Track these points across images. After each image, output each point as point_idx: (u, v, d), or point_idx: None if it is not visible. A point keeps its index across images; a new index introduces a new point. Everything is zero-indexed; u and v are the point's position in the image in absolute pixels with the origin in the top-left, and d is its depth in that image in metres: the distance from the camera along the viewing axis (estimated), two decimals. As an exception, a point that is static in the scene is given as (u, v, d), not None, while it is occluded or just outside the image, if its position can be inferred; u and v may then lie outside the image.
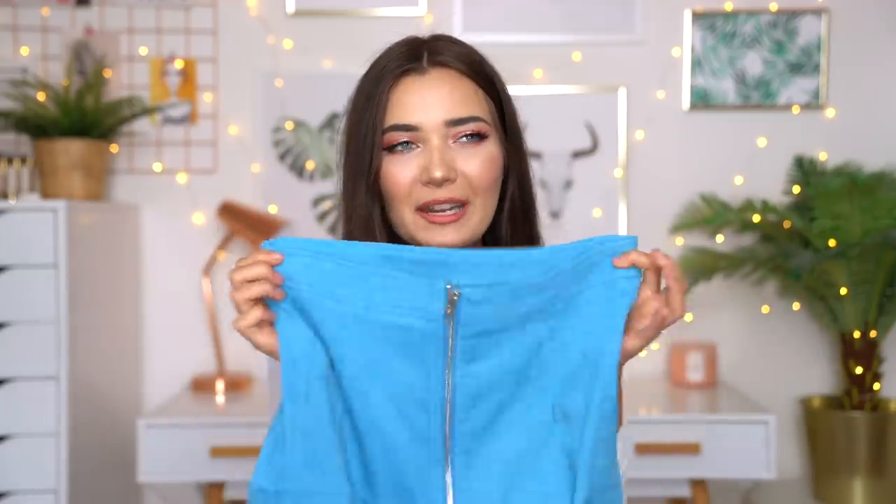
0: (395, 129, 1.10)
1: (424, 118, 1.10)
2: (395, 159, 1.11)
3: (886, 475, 2.70)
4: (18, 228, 2.46)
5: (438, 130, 1.10)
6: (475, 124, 1.11)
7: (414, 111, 1.10)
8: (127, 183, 3.04)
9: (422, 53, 1.13)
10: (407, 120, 1.10)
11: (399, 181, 1.11)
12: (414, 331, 0.99)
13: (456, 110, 1.10)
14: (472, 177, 1.11)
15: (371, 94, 1.13)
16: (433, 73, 1.12)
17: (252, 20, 3.04)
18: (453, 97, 1.11)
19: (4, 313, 2.45)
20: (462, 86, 1.12)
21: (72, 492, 2.46)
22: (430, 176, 1.08)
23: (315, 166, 3.03)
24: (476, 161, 1.11)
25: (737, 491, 2.97)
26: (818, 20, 3.01)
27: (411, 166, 1.11)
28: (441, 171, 1.08)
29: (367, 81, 1.15)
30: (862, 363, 2.76)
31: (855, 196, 2.70)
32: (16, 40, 3.02)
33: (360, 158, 1.14)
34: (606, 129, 3.03)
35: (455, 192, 1.10)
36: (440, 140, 1.10)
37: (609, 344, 1.00)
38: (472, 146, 1.11)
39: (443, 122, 1.10)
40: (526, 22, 3.03)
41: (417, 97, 1.11)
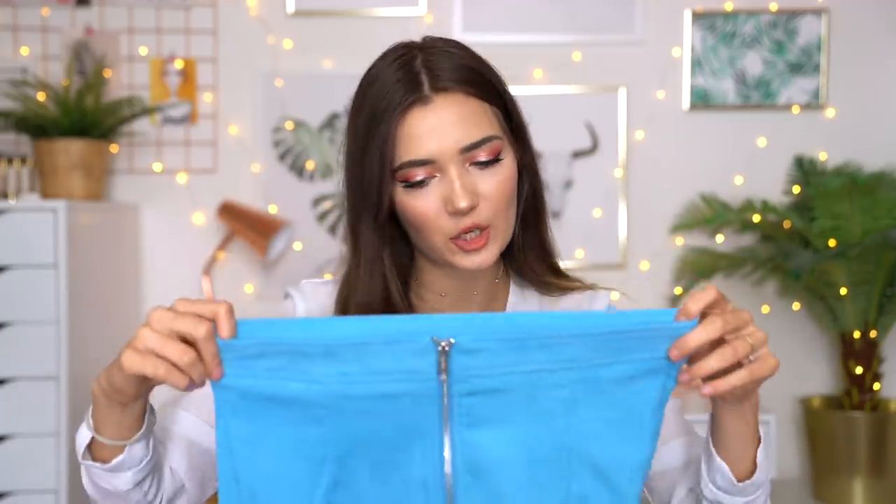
0: (410, 165, 1.06)
1: (438, 150, 1.06)
2: (415, 193, 1.08)
3: (886, 475, 2.70)
4: (18, 228, 2.46)
5: (454, 159, 1.06)
6: (489, 145, 1.07)
7: (425, 144, 1.06)
8: (127, 183, 3.04)
9: (421, 78, 1.07)
10: (421, 155, 1.06)
11: (424, 213, 1.07)
12: (402, 397, 0.85)
13: (469, 136, 1.07)
14: (492, 196, 1.08)
15: (374, 130, 1.07)
16: (438, 100, 1.07)
17: (252, 20, 3.04)
18: (463, 122, 1.07)
19: (4, 313, 2.45)
20: (470, 107, 1.08)
21: (72, 492, 2.46)
22: (456, 207, 1.05)
23: (315, 166, 3.03)
24: (495, 180, 1.08)
25: (737, 491, 2.97)
26: (818, 20, 3.01)
27: (433, 197, 1.07)
28: (465, 200, 1.05)
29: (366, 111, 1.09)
30: (862, 363, 2.76)
31: (855, 196, 2.70)
32: (16, 40, 3.02)
33: (365, 196, 1.09)
34: (606, 129, 3.03)
35: (479, 217, 1.07)
36: (457, 167, 1.06)
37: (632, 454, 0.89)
38: (490, 168, 1.08)
39: (457, 150, 1.06)
40: (526, 22, 3.03)
41: (426, 129, 1.06)
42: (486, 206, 1.08)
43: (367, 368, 0.84)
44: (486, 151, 1.08)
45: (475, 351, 0.85)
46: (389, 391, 0.85)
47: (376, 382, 0.85)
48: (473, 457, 0.87)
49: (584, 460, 0.89)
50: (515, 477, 0.88)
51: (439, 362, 0.85)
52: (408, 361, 0.85)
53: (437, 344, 0.84)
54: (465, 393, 0.86)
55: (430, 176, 1.07)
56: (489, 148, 1.08)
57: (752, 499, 1.02)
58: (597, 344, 0.85)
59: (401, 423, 0.86)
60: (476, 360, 0.85)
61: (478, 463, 0.87)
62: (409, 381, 0.85)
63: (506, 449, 0.87)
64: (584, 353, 0.85)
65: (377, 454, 0.87)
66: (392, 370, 0.85)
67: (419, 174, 1.07)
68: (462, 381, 0.86)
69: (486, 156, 1.08)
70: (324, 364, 0.84)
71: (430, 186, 1.07)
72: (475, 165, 1.08)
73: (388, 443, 0.87)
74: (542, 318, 0.86)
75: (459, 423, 0.87)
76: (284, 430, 0.86)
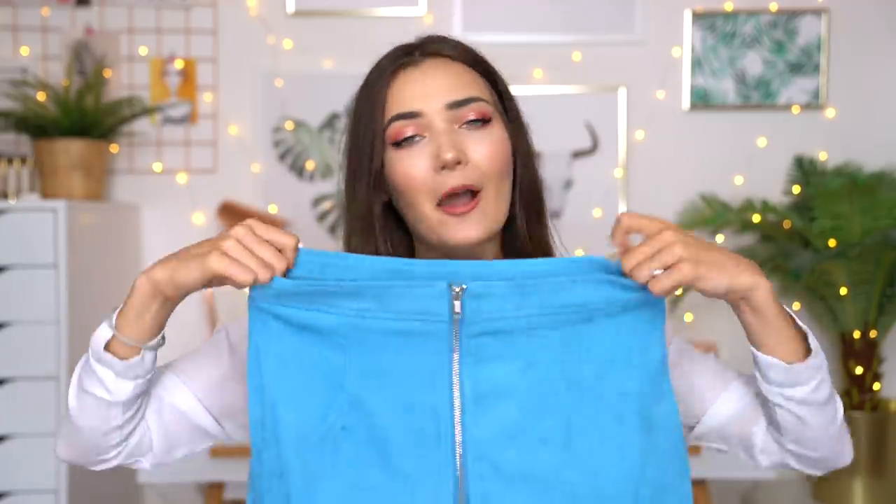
0: (398, 118, 1.09)
1: (425, 104, 1.09)
2: (404, 154, 1.09)
3: (886, 475, 2.70)
4: (18, 228, 2.46)
5: (441, 114, 1.09)
6: (477, 104, 1.10)
7: (413, 99, 1.09)
8: (127, 183, 3.04)
9: (413, 49, 1.14)
10: (407, 108, 1.09)
11: (411, 174, 1.08)
12: (417, 335, 0.96)
13: (455, 93, 1.09)
14: (483, 161, 1.08)
15: (367, 94, 1.13)
16: (428, 62, 1.12)
17: (252, 20, 3.04)
18: (450, 81, 1.10)
19: (4, 313, 2.45)
20: (457, 69, 1.12)
21: (72, 492, 2.46)
22: (443, 158, 1.06)
23: (315, 166, 3.03)
24: (485, 144, 1.09)
25: (737, 491, 2.97)
26: (818, 20, 3.02)
27: (422, 157, 1.08)
28: (451, 152, 1.06)
29: (363, 85, 1.15)
30: (862, 363, 2.77)
31: (855, 196, 2.70)
32: (16, 40, 3.02)
33: (361, 157, 1.12)
34: (606, 129, 3.03)
35: (469, 177, 1.07)
36: (445, 124, 1.08)
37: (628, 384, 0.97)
38: (479, 130, 1.09)
39: (444, 105, 1.09)
40: (526, 22, 3.03)
41: (415, 86, 1.10)
42: (475, 168, 1.08)
43: (386, 307, 0.96)
44: (475, 112, 1.10)
45: (484, 295, 0.95)
46: (405, 329, 0.96)
47: (395, 320, 0.96)
48: (479, 389, 0.96)
49: (580, 387, 0.97)
50: (517, 407, 0.96)
51: (452, 305, 0.95)
52: (424, 304, 0.95)
53: (451, 289, 0.95)
54: (475, 334, 0.96)
55: (419, 135, 1.09)
56: (477, 108, 1.10)
57: (815, 385, 1.02)
58: (586, 288, 0.96)
59: (414, 357, 0.96)
60: (484, 304, 0.95)
61: (483, 394, 0.96)
62: (425, 320, 0.96)
63: (509, 382, 0.96)
64: (573, 298, 0.96)
65: (391, 383, 0.96)
66: (409, 310, 0.96)
67: (408, 129, 1.09)
68: (472, 324, 0.96)
69: (475, 115, 1.09)
70: (348, 299, 0.96)
71: (419, 146, 1.09)
72: (465, 126, 1.09)
73: (401, 374, 0.97)
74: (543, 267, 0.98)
75: (467, 360, 0.96)
76: (308, 352, 0.97)
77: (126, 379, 1.03)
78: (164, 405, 1.11)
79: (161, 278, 0.98)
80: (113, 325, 1.02)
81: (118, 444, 1.08)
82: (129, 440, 1.09)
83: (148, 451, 1.11)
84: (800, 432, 1.06)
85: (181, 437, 1.13)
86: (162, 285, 0.98)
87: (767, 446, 1.11)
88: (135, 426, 1.08)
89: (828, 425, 1.06)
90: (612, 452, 0.96)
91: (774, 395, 1.04)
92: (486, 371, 0.96)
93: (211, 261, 0.95)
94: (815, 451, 1.08)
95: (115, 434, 1.07)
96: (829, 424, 1.06)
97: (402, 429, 0.96)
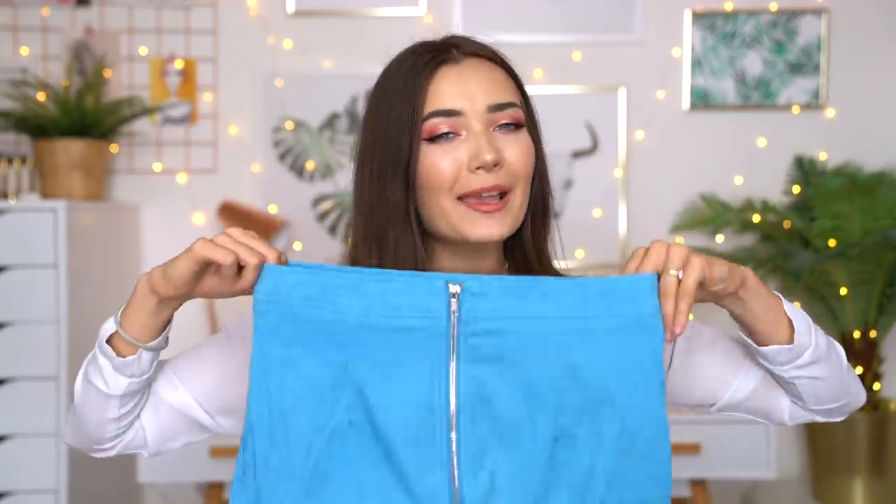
0: (437, 115, 1.08)
1: (466, 104, 1.09)
2: (437, 149, 1.09)
3: (886, 475, 2.70)
4: (18, 228, 2.46)
5: (481, 116, 1.09)
6: (514, 110, 1.11)
7: (455, 98, 1.09)
8: (127, 183, 3.04)
9: (450, 47, 1.13)
10: (448, 105, 1.09)
11: (443, 170, 1.08)
12: (416, 332, 0.98)
13: (497, 96, 1.10)
14: (515, 163, 1.10)
15: (402, 87, 1.10)
16: (468, 61, 1.12)
17: (252, 20, 3.04)
18: (491, 84, 1.11)
19: (4, 313, 2.45)
20: (497, 74, 1.13)
21: (72, 492, 2.46)
22: (482, 160, 1.07)
23: (315, 166, 3.03)
24: (518, 148, 1.10)
25: (737, 491, 2.97)
26: (818, 20, 3.02)
27: (457, 154, 1.08)
28: (491, 153, 1.07)
29: (394, 76, 1.13)
30: (862, 363, 2.76)
31: (855, 196, 2.70)
32: (16, 40, 3.02)
33: (392, 150, 1.10)
34: (606, 129, 3.03)
35: (501, 178, 1.08)
36: (483, 126, 1.09)
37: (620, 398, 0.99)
38: (512, 133, 1.11)
39: (485, 107, 1.09)
40: (526, 22, 3.03)
41: (457, 84, 1.10)
42: (509, 171, 1.10)
43: (386, 304, 0.98)
44: (511, 116, 1.11)
45: (482, 294, 0.98)
46: (404, 326, 0.98)
47: (393, 318, 0.98)
48: (475, 388, 0.98)
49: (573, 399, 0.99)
50: (511, 408, 0.99)
51: (450, 303, 0.98)
52: (423, 301, 0.98)
53: (449, 287, 0.98)
54: (472, 333, 0.98)
55: (455, 132, 1.09)
56: (513, 113, 1.11)
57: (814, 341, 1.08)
58: (588, 296, 0.99)
59: (413, 355, 0.98)
60: (482, 304, 0.98)
61: (479, 394, 0.98)
62: (423, 318, 0.98)
63: (504, 383, 0.99)
64: (577, 305, 0.99)
65: (391, 381, 0.99)
66: (408, 307, 0.98)
67: (444, 126, 1.09)
68: (469, 322, 0.98)
69: (510, 120, 1.11)
70: (349, 297, 0.99)
71: (455, 143, 1.09)
72: (499, 129, 1.11)
73: (400, 372, 0.99)
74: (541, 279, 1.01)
75: (465, 359, 0.98)
76: (313, 351, 0.99)
77: (122, 375, 1.06)
78: (159, 401, 1.13)
79: (155, 274, 1.03)
80: (118, 320, 1.06)
81: (114, 437, 1.12)
82: (125, 434, 1.13)
83: (143, 445, 1.15)
84: (819, 392, 1.11)
85: (176, 431, 1.16)
86: (155, 281, 1.03)
87: (794, 413, 1.17)
88: (130, 422, 1.12)
89: (839, 371, 1.11)
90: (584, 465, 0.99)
91: (788, 372, 1.09)
92: (481, 371, 0.98)
93: (196, 246, 1.00)
94: (837, 402, 1.14)
95: (111, 426, 1.10)
96: (839, 370, 1.12)
97: (402, 426, 0.98)
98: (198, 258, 0.99)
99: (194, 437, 1.17)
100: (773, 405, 1.17)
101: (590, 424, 0.99)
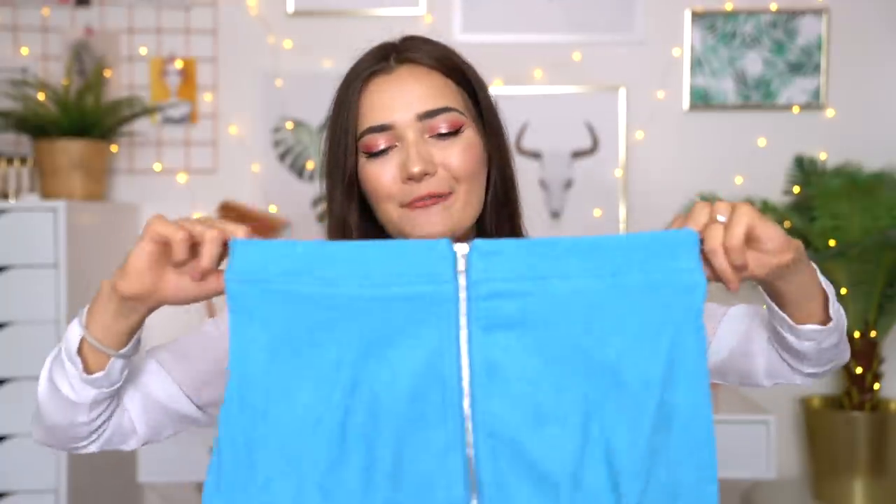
0: (371, 131, 1.10)
1: (396, 116, 1.10)
2: (377, 162, 1.11)
3: (886, 475, 2.70)
4: (18, 228, 2.46)
5: (412, 126, 1.10)
6: (448, 115, 1.10)
7: (385, 111, 1.10)
8: (127, 183, 3.05)
9: (388, 54, 1.14)
10: (380, 120, 1.10)
11: (380, 182, 1.10)
12: (421, 298, 0.87)
13: (426, 103, 1.10)
14: (453, 166, 1.10)
15: (343, 99, 1.14)
16: (401, 70, 1.12)
17: (252, 20, 3.04)
18: (422, 91, 1.11)
19: (4, 313, 2.45)
20: (430, 79, 1.12)
21: (72, 492, 2.46)
22: (409, 171, 1.08)
23: (315, 166, 3.03)
24: (454, 150, 1.10)
25: (737, 491, 2.97)
26: (818, 20, 3.01)
27: (390, 166, 1.10)
28: (418, 165, 1.07)
29: (340, 87, 1.16)
30: (862, 363, 2.76)
31: (855, 196, 2.70)
32: (16, 40, 3.02)
33: (336, 163, 1.14)
34: (606, 129, 3.03)
35: (435, 185, 1.09)
36: (415, 135, 1.09)
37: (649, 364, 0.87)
38: (449, 139, 1.11)
39: (414, 116, 1.10)
40: (526, 22, 3.03)
41: (387, 96, 1.11)
42: (445, 175, 1.10)
43: (384, 272, 0.87)
44: (446, 123, 1.10)
45: (493, 253, 0.87)
46: (408, 293, 0.87)
47: (394, 285, 0.87)
48: (490, 357, 0.88)
49: (601, 365, 0.88)
50: (531, 378, 0.88)
51: (457, 264, 0.87)
52: (427, 265, 0.87)
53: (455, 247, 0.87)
54: (483, 296, 0.87)
55: (391, 146, 1.10)
56: (448, 119, 1.10)
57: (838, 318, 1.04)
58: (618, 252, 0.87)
59: (418, 325, 0.88)
60: (496, 263, 0.87)
61: (494, 363, 0.88)
62: (428, 283, 0.87)
63: (522, 351, 0.88)
64: (604, 263, 0.87)
65: (392, 356, 0.88)
66: (410, 273, 0.87)
67: (380, 142, 1.10)
68: (480, 284, 0.87)
69: (446, 127, 1.10)
70: (339, 267, 0.87)
71: (389, 156, 1.11)
72: (435, 137, 1.10)
73: (404, 345, 0.88)
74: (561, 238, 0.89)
75: (478, 325, 0.87)
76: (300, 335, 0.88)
77: (90, 386, 1.01)
78: (145, 393, 1.10)
79: (115, 271, 0.98)
80: (83, 322, 1.00)
81: (88, 436, 1.07)
82: (102, 432, 1.08)
83: (131, 435, 1.10)
84: (823, 357, 1.08)
85: (164, 422, 1.12)
86: (116, 276, 0.97)
87: (772, 370, 1.12)
88: (104, 421, 1.07)
89: (839, 337, 1.08)
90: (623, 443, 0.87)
91: (811, 348, 1.05)
92: (496, 339, 0.88)
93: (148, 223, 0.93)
94: (829, 365, 1.11)
95: (83, 428, 1.05)
96: (839, 336, 1.08)
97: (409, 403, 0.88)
98: (151, 236, 0.92)
99: (183, 429, 1.15)
100: (749, 368, 1.14)
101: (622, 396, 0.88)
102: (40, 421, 1.07)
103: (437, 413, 0.88)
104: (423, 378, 0.88)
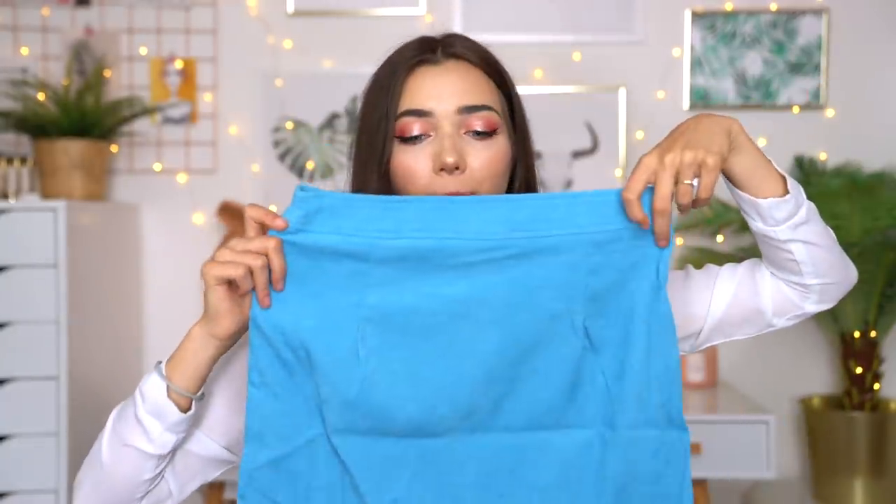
0: (408, 114, 1.11)
1: (437, 105, 1.11)
2: (409, 149, 1.11)
3: (886, 475, 2.70)
4: (18, 228, 2.46)
5: (450, 118, 1.10)
6: (487, 113, 1.12)
7: (427, 98, 1.11)
8: (127, 183, 3.04)
9: (436, 47, 1.15)
10: (419, 105, 1.11)
11: (412, 169, 1.11)
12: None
13: (468, 98, 1.11)
14: (480, 169, 1.10)
15: (384, 85, 1.14)
16: (447, 63, 1.14)
17: (252, 20, 3.04)
18: (466, 85, 1.12)
19: (4, 313, 2.45)
20: (474, 76, 1.14)
21: (71, 492, 2.46)
22: (443, 161, 1.08)
23: (315, 166, 3.03)
24: (485, 155, 1.11)
25: (737, 491, 2.97)
26: (818, 20, 3.01)
27: (423, 155, 1.10)
28: (452, 156, 1.08)
29: (380, 73, 1.16)
30: (862, 363, 2.77)
31: (855, 196, 2.70)
32: (16, 40, 3.02)
33: (372, 147, 1.14)
34: (606, 129, 3.03)
35: (462, 185, 1.10)
36: (452, 128, 1.10)
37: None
38: (483, 140, 1.11)
39: (455, 109, 1.11)
40: (526, 22, 3.03)
41: (431, 85, 1.12)
42: (472, 176, 1.10)
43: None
44: (483, 121, 1.11)
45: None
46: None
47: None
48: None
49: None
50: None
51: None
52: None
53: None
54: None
55: (426, 134, 1.11)
56: (486, 117, 1.12)
57: (806, 202, 1.07)
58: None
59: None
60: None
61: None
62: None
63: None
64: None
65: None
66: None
67: (415, 127, 1.11)
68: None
69: (482, 126, 1.11)
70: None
71: (423, 144, 1.11)
72: (470, 134, 1.11)
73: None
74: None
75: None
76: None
77: (172, 433, 1.04)
78: (179, 451, 1.10)
79: (202, 322, 1.05)
80: (163, 374, 1.04)
81: (141, 498, 1.07)
82: (151, 493, 1.08)
83: (167, 497, 1.11)
84: (818, 260, 1.09)
85: (193, 472, 1.12)
86: (206, 326, 1.04)
87: (780, 305, 1.14)
88: (159, 475, 1.08)
89: (832, 241, 1.10)
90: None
91: (784, 233, 1.06)
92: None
93: (204, 272, 1.01)
94: (832, 277, 1.11)
95: (144, 486, 1.06)
96: (832, 240, 1.10)
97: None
98: (217, 279, 1.00)
99: (210, 476, 1.13)
100: (756, 306, 1.15)
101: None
102: (97, 485, 1.07)
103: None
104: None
